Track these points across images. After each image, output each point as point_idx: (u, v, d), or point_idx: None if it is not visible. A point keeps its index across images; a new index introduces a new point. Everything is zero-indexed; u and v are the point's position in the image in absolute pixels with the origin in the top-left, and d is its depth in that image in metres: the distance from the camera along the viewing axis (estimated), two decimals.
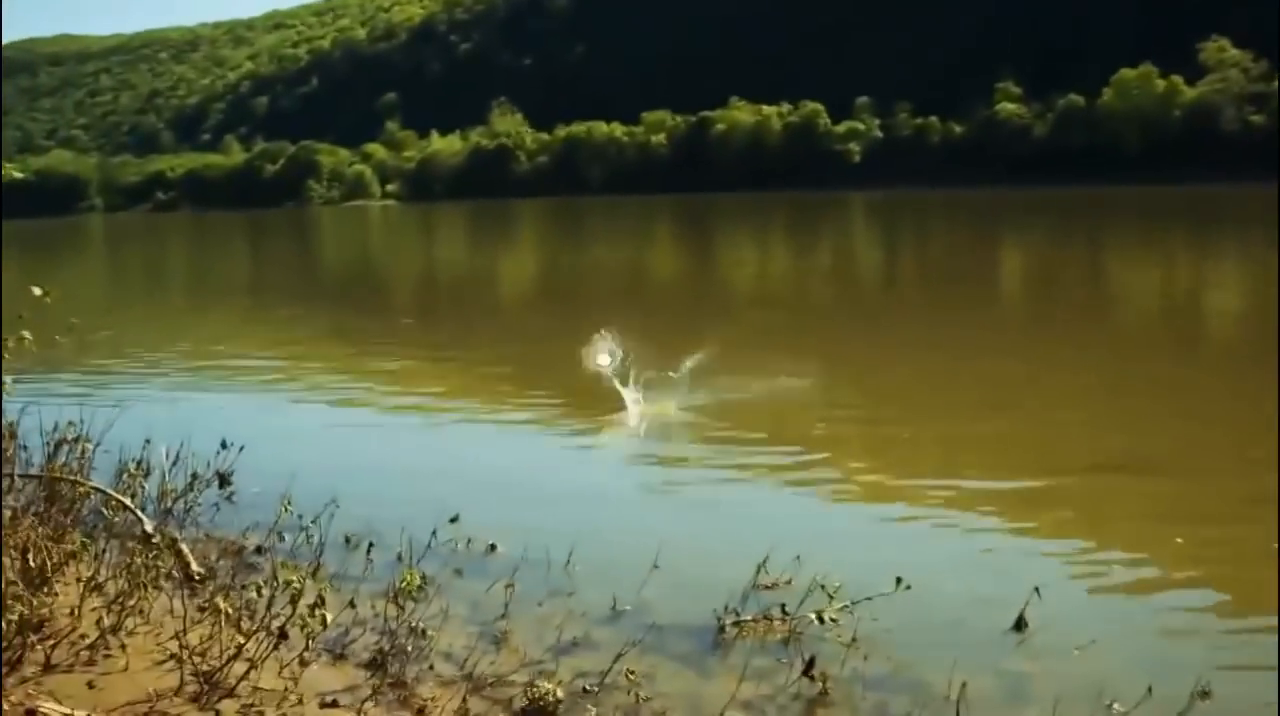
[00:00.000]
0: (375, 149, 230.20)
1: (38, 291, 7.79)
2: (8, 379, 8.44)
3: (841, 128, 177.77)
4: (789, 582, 8.44)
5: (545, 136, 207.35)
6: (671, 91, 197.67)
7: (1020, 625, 7.82)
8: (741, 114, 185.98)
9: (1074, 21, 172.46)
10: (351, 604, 7.52)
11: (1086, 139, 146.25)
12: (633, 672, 7.04)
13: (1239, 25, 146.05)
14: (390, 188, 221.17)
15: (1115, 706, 6.63)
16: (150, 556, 7.36)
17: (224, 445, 9.73)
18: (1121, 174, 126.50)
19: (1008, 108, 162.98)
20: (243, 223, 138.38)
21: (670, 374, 16.74)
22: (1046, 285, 34.61)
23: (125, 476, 9.74)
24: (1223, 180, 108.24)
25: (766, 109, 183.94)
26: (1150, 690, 6.54)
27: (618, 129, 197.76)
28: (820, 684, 6.94)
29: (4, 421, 9.41)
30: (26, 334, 7.81)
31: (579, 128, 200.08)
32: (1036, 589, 7.86)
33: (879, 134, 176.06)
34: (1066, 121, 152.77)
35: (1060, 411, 15.26)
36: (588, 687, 6.99)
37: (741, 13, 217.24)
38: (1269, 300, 24.83)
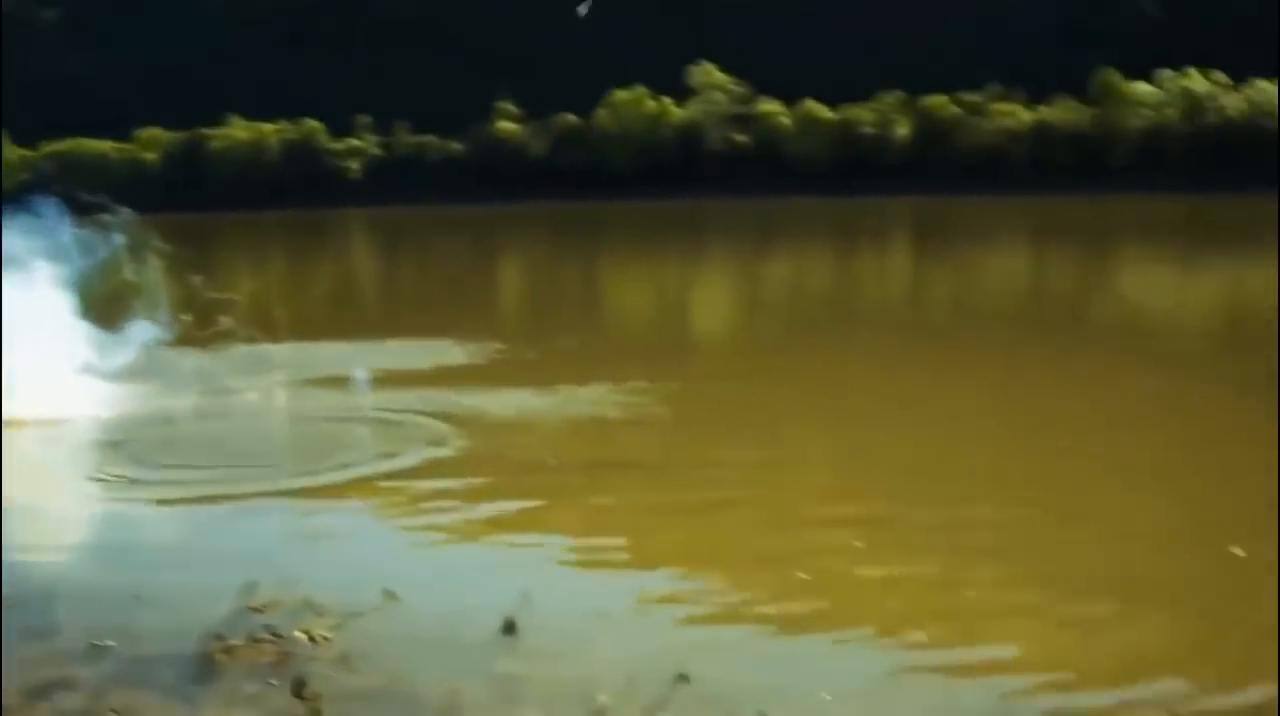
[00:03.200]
0: None
1: None
2: None
3: (341, 145, 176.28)
4: (278, 603, 8.29)
5: (30, 153, 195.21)
6: (164, 108, 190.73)
7: (510, 629, 7.97)
8: (239, 131, 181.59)
9: (578, 42, 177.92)
10: None
11: (581, 158, 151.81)
12: (116, 711, 6.77)
13: (725, 50, 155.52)
14: None
15: (602, 699, 6.85)
16: None
17: None
18: (616, 190, 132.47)
19: (506, 127, 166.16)
20: None
21: None
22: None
23: None
24: (708, 195, 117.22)
25: (265, 126, 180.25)
26: (633, 680, 6.83)
27: (107, 145, 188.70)
28: (312, 704, 6.85)
29: None
30: None
31: (64, 144, 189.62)
32: (525, 593, 8.03)
33: (379, 151, 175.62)
34: (562, 141, 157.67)
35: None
36: None
37: (231, 28, 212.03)
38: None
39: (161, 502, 12.08)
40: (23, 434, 15.79)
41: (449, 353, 21.84)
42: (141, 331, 17.90)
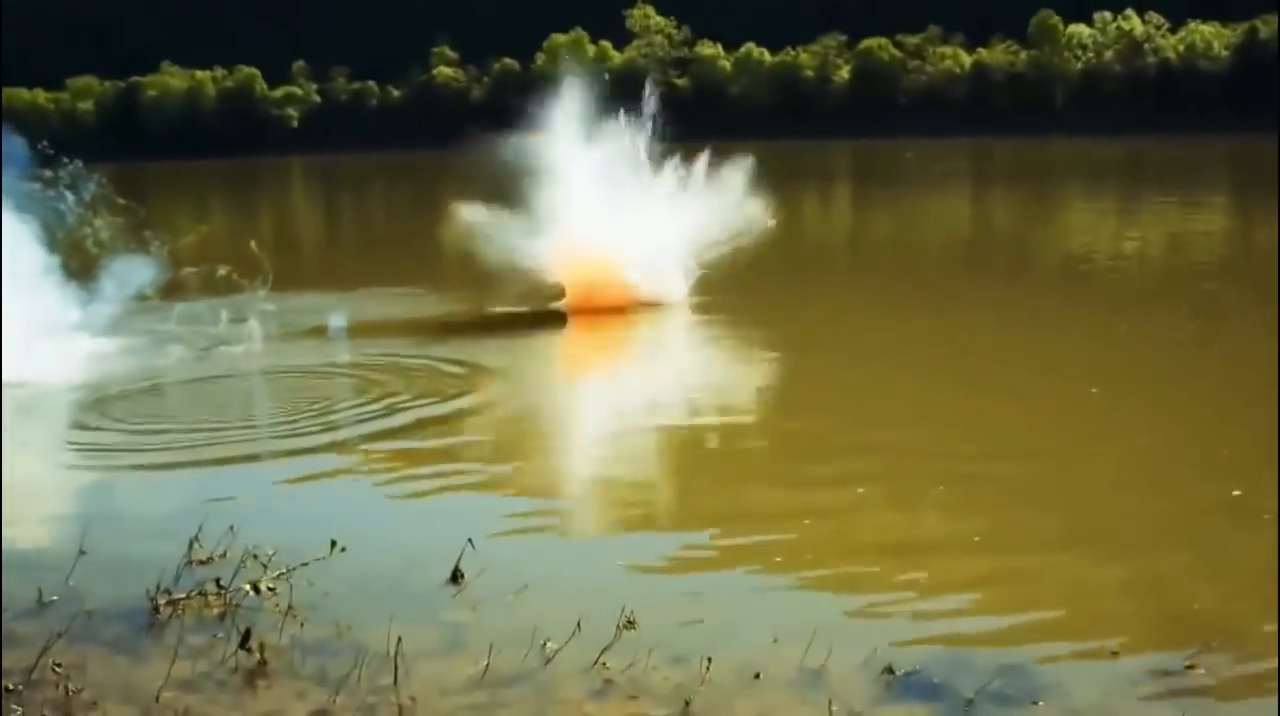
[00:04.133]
0: None
1: None
2: None
3: (279, 92, 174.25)
4: (224, 555, 8.27)
5: None
6: (96, 57, 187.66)
7: (456, 577, 8.00)
8: (174, 79, 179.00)
9: None
10: None
11: (520, 103, 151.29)
12: (60, 665, 6.73)
13: None
14: None
15: (549, 645, 6.88)
16: None
17: None
18: None
19: (445, 71, 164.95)
20: None
21: None
22: None
23: None
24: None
25: (200, 74, 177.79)
26: (580, 626, 6.87)
27: (41, 96, 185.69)
28: (258, 654, 6.84)
29: None
30: None
31: None
32: (470, 540, 8.05)
33: (316, 98, 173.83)
34: (501, 86, 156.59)
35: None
36: (12, 686, 6.59)
37: None
38: None
39: (126, 463, 11.86)
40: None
41: (422, 302, 21.79)
42: (113, 287, 17.60)
